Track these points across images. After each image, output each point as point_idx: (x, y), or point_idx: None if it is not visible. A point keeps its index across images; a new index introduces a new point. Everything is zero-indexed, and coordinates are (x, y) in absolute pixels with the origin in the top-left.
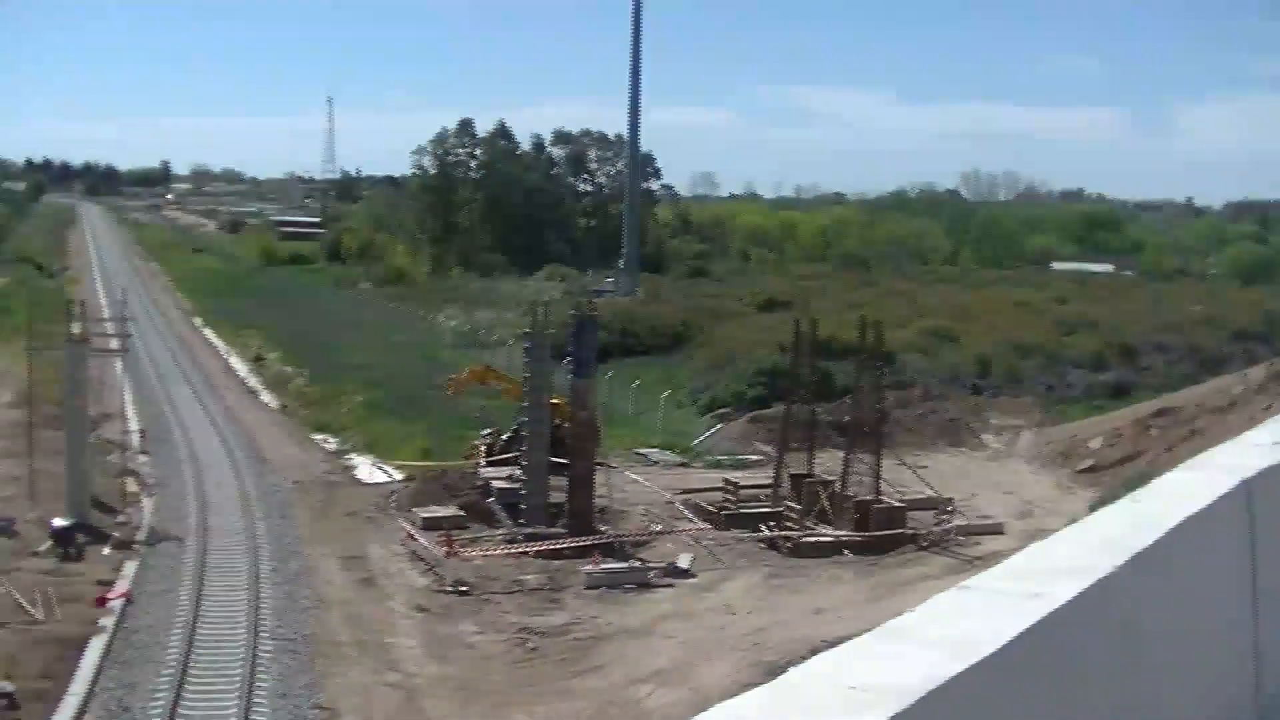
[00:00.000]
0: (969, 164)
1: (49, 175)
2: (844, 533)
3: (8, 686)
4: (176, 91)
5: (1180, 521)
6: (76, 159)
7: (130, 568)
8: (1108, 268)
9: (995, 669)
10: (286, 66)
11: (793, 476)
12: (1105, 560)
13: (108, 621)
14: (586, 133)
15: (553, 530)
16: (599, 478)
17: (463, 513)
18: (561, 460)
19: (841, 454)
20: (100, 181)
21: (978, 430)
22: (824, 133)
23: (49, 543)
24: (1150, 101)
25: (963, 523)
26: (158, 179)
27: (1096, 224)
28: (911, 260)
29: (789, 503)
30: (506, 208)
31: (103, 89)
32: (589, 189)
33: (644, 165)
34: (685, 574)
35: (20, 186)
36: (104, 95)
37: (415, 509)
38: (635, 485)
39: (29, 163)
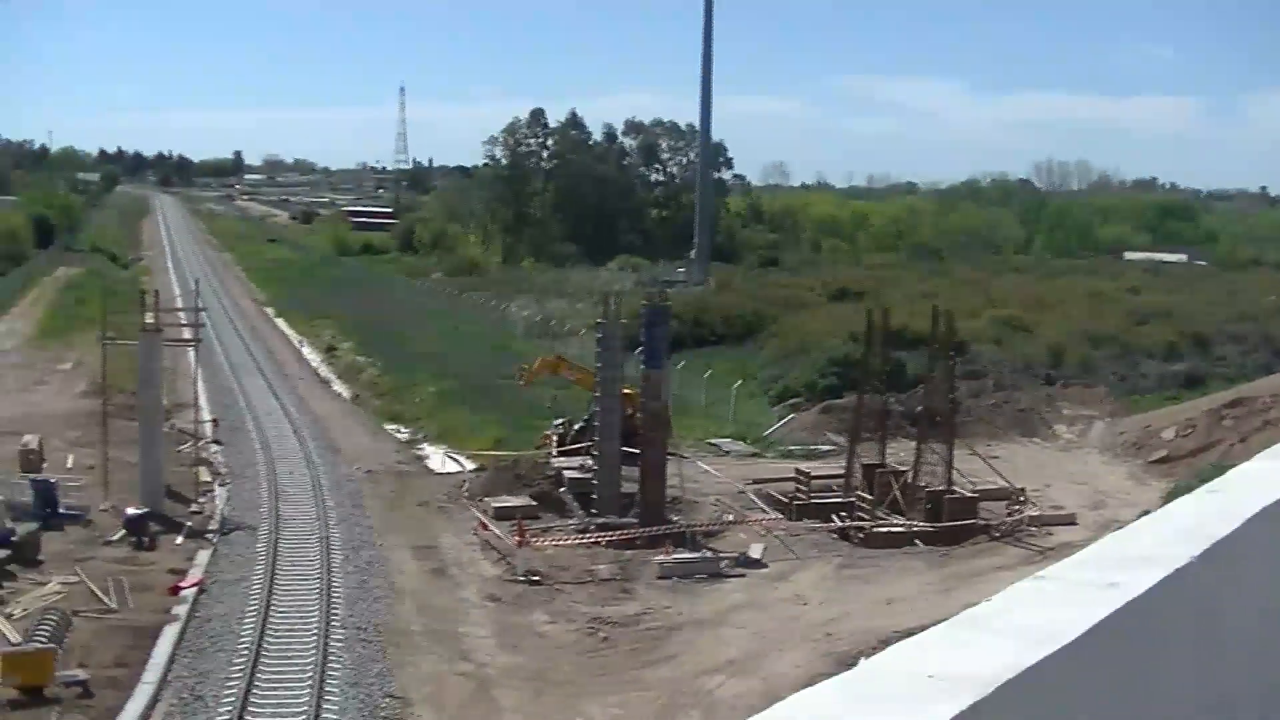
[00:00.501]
0: (1041, 153)
1: (123, 166)
2: (916, 523)
3: (81, 675)
4: (250, 82)
5: (1257, 512)
6: (150, 149)
7: (203, 557)
8: (1181, 257)
9: (1073, 658)
10: (359, 57)
11: (865, 466)
12: (1183, 550)
13: (181, 610)
14: (658, 122)
15: (624, 520)
16: (671, 468)
17: (535, 502)
18: (633, 450)
19: (914, 444)
20: (173, 172)
21: (1050, 420)
22: (896, 122)
23: (122, 532)
24: (1224, 90)
25: (1035, 513)
26: (230, 169)
27: (1169, 213)
28: (984, 250)
29: (861, 493)
30: (578, 198)
31: (177, 80)
32: (661, 179)
33: (716, 155)
34: (757, 564)
35: (94, 177)
36: (178, 86)
37: (487, 499)
38: (707, 475)
39: (103, 153)
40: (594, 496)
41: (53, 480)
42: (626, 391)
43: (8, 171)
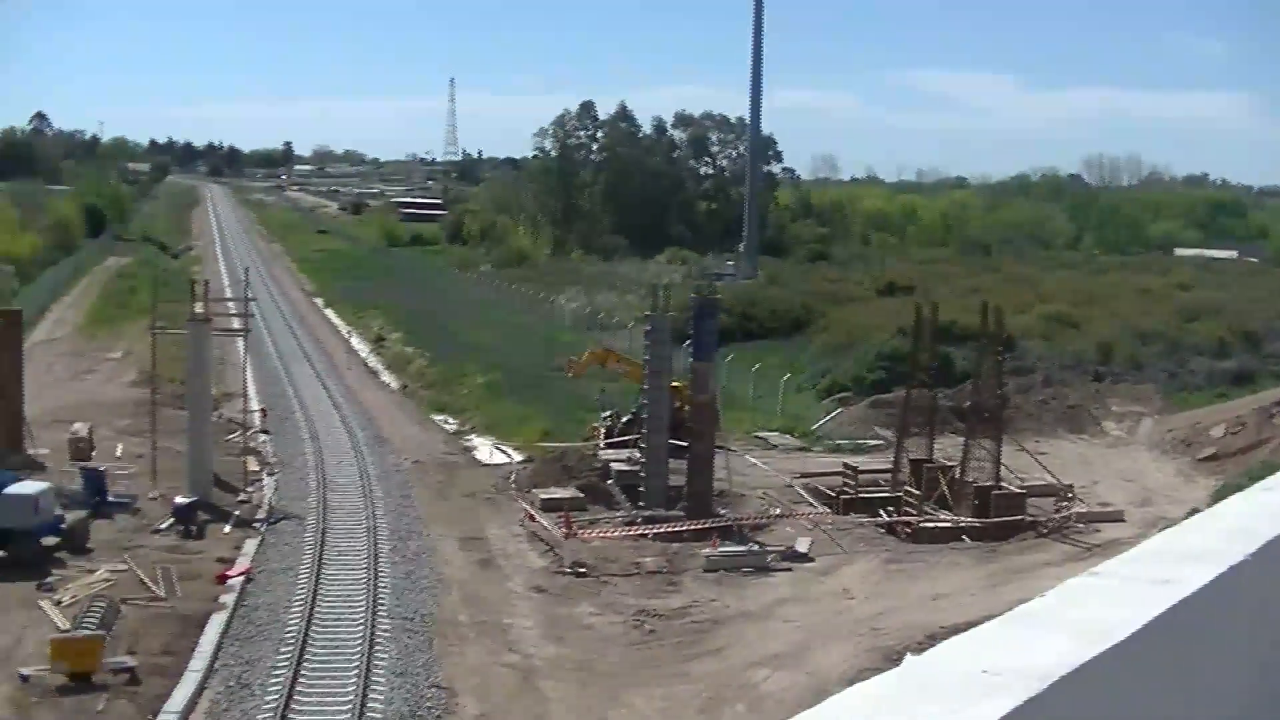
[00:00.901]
0: (1092, 149)
1: (173, 156)
2: (963, 519)
3: (130, 661)
4: (301, 73)
5: None
6: (200, 140)
7: (250, 546)
8: (1231, 254)
9: (1127, 655)
10: (409, 49)
11: (912, 462)
12: (1236, 548)
13: (228, 599)
14: (708, 115)
15: (671, 513)
16: (718, 461)
17: (582, 494)
18: (681, 443)
19: (961, 439)
20: (224, 162)
21: (1099, 417)
22: (946, 117)
23: (171, 520)
24: (1275, 85)
25: (1083, 510)
26: (280, 160)
27: (1220, 210)
28: (1033, 245)
29: (908, 488)
30: (627, 190)
31: (228, 71)
32: (710, 172)
33: (765, 148)
34: (803, 558)
35: (145, 167)
36: (229, 77)
37: (534, 490)
38: (754, 469)
39: (153, 144)
40: (641, 489)
41: (102, 469)
42: (675, 384)
43: (59, 162)
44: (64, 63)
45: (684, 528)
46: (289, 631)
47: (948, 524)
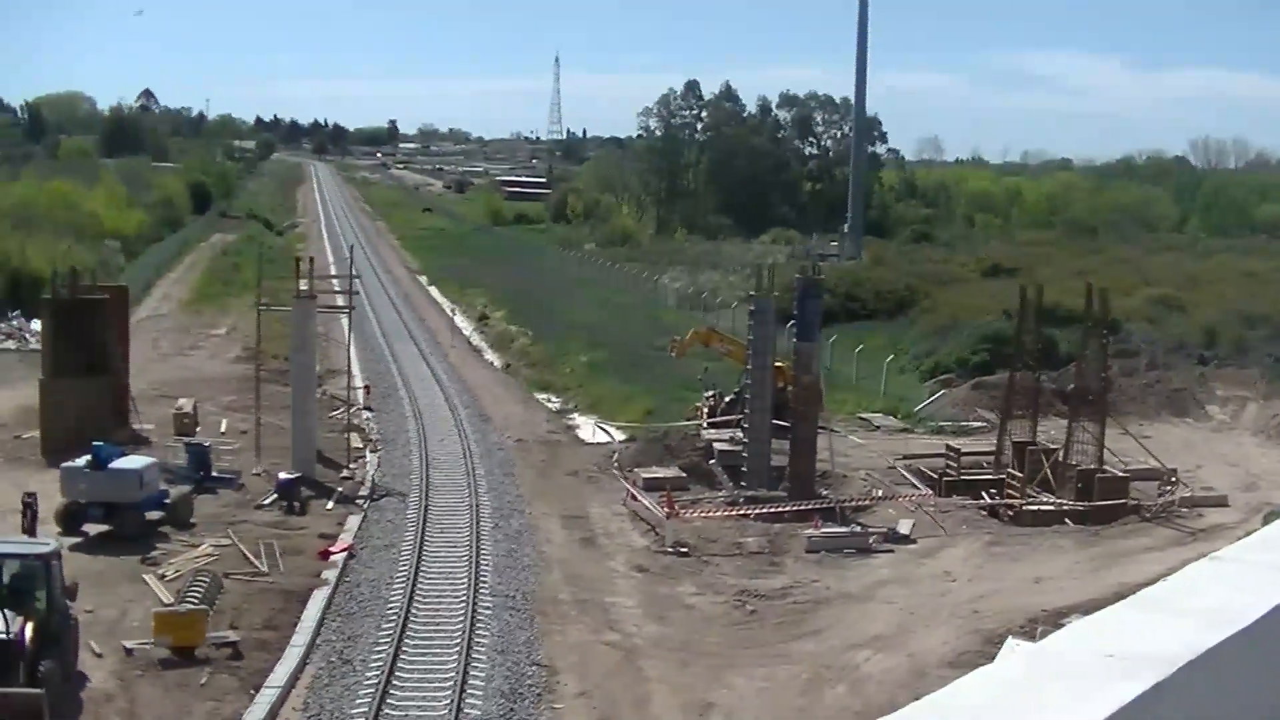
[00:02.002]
0: (1198, 131)
1: (279, 134)
2: (1066, 502)
3: (232, 636)
4: (406, 51)
5: None
6: (306, 118)
7: (353, 522)
8: None
9: (1253, 639)
10: (515, 27)
11: (1015, 444)
12: None
13: (330, 574)
14: (813, 96)
15: (773, 493)
16: (821, 442)
17: (684, 474)
18: (783, 423)
19: (1065, 422)
20: (329, 140)
21: (1203, 401)
22: (1052, 98)
23: (274, 496)
24: None
25: (1186, 494)
26: (385, 138)
27: None
28: (1138, 228)
29: (1011, 470)
30: (732, 170)
31: (334, 49)
32: (814, 152)
33: (870, 129)
34: (905, 540)
35: (251, 145)
36: (335, 55)
37: (637, 469)
38: (857, 450)
39: (259, 121)
40: (743, 469)
41: (206, 444)
42: (778, 365)
43: (166, 139)
44: (171, 40)
45: (786, 508)
46: (391, 608)
47: (1050, 507)
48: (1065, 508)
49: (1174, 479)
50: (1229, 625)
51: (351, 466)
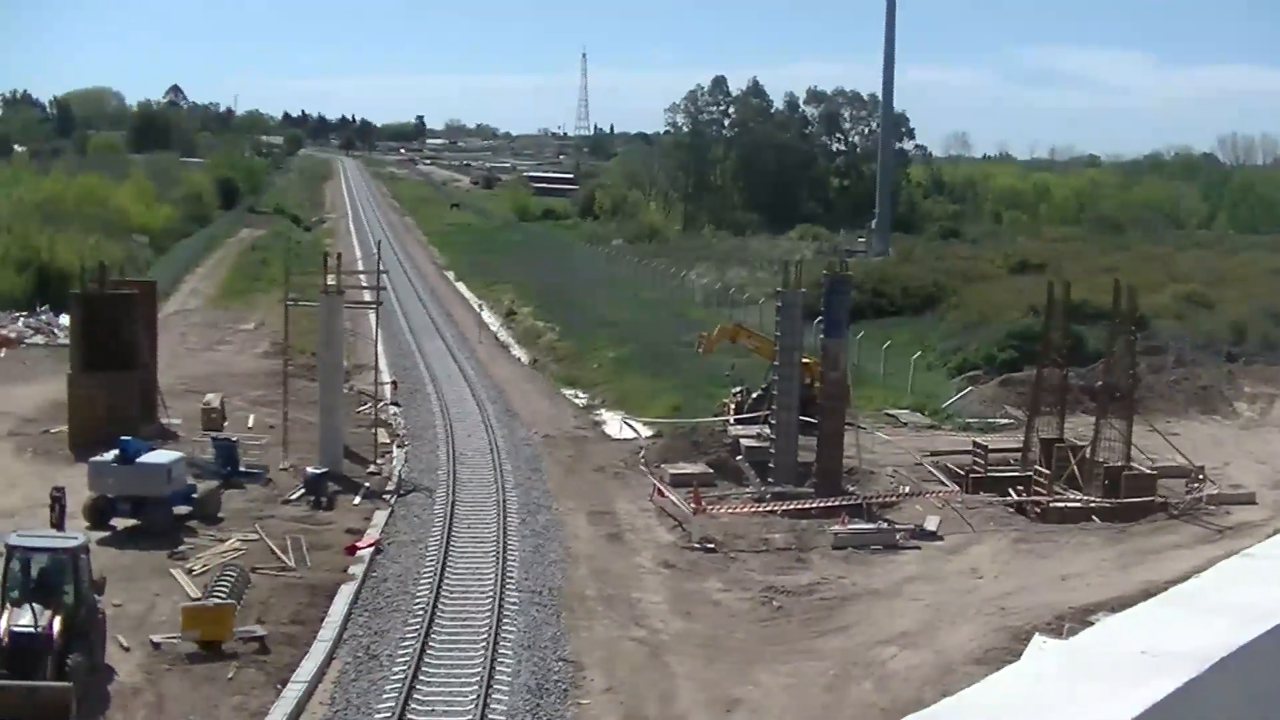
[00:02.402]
0: (1226, 127)
1: (306, 129)
2: (1093, 499)
3: (259, 630)
4: (433, 47)
5: None
6: (333, 114)
7: (380, 517)
8: None
9: None
10: (541, 23)
11: (1043, 441)
12: None
13: (357, 569)
14: (840, 92)
15: (800, 490)
16: (848, 438)
17: (711, 470)
18: (811, 420)
19: (1092, 419)
20: (356, 136)
21: (1231, 398)
22: (1080, 94)
23: (301, 491)
24: None
25: (1214, 492)
26: (413, 134)
27: None
28: (1166, 224)
29: (1038, 467)
30: (759, 166)
31: (361, 45)
32: (842, 148)
33: (897, 125)
34: (933, 536)
35: (279, 140)
36: (362, 51)
37: (664, 465)
38: (884, 446)
39: (287, 117)
40: (771, 465)
41: (234, 439)
42: (805, 361)
43: (194, 134)
44: (199, 37)
45: (813, 504)
46: (417, 603)
47: (1078, 504)
48: (1092, 505)
49: (1201, 476)
50: (1262, 622)
51: (379, 462)
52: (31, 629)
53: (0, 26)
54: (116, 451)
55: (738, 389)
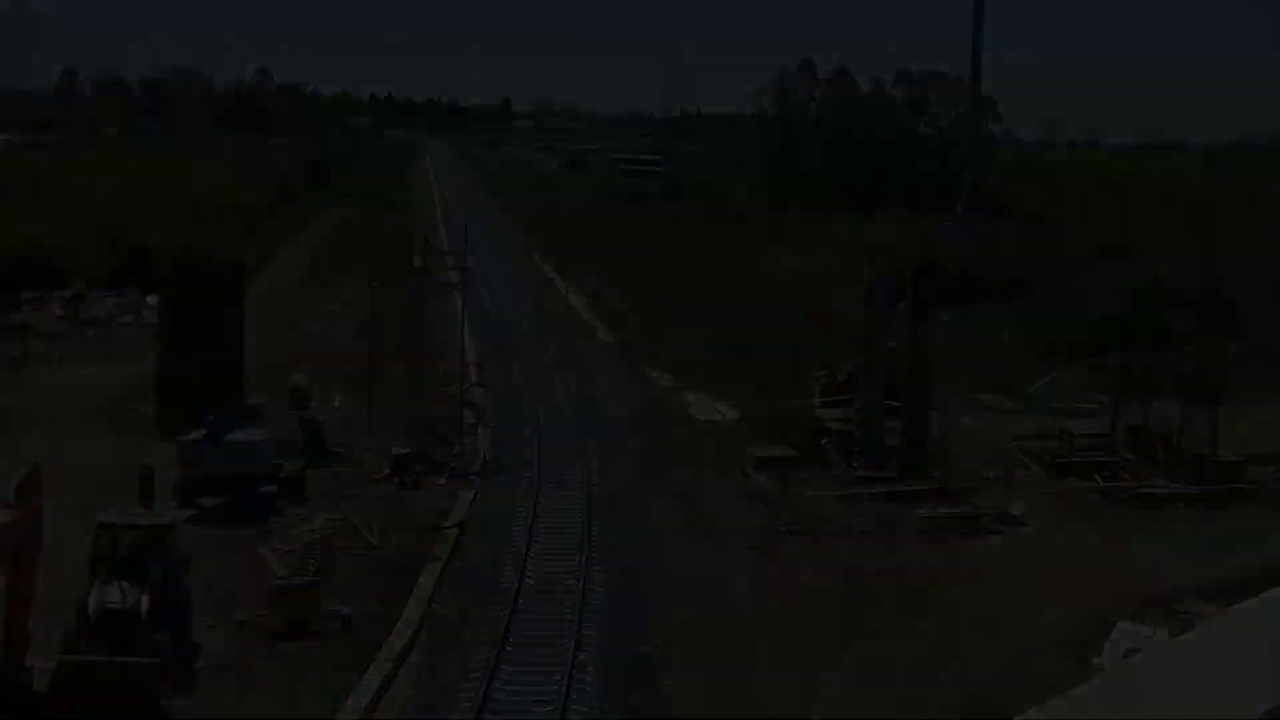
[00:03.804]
0: None
1: (392, 110)
2: (1180, 485)
3: (345, 609)
4: (519, 29)
5: None
6: (419, 95)
7: (465, 497)
8: None
9: None
10: (628, 4)
11: (1129, 427)
12: None
13: (442, 549)
14: (928, 75)
15: (886, 473)
16: (933, 422)
17: (797, 453)
18: (897, 404)
19: (1179, 405)
20: (443, 117)
21: None
22: (1168, 79)
23: (387, 471)
24: None
25: None
26: (499, 115)
27: None
28: (1258, 209)
29: (1124, 453)
30: (846, 149)
31: (447, 26)
32: (930, 132)
33: (986, 109)
34: (1018, 521)
35: (365, 121)
36: (448, 33)
37: (750, 448)
38: (970, 431)
39: (373, 97)
40: (856, 449)
41: (320, 418)
42: (892, 345)
43: (281, 116)
44: (286, 19)
45: (899, 488)
46: (502, 583)
47: (1164, 491)
48: (1179, 491)
49: None
50: None
51: (464, 442)
52: (120, 606)
53: (91, 9)
54: (204, 431)
55: (824, 372)
